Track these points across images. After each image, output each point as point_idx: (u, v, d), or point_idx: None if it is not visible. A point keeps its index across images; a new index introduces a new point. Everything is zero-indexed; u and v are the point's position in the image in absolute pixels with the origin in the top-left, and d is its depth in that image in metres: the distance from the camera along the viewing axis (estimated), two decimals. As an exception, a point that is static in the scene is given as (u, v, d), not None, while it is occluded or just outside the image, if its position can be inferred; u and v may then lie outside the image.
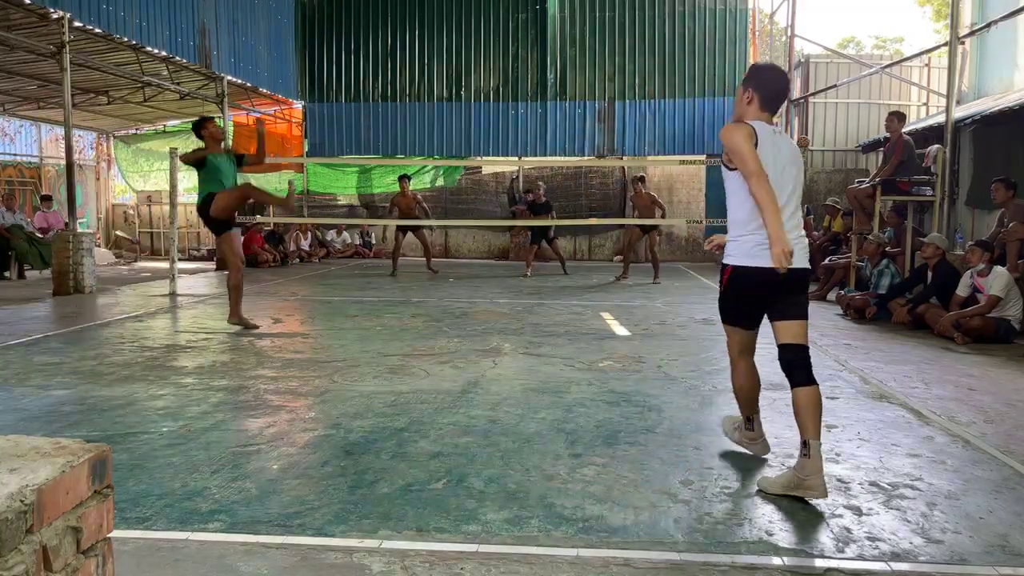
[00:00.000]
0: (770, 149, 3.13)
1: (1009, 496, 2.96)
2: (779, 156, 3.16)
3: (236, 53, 13.41)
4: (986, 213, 9.79)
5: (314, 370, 5.13)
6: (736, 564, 2.38)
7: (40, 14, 9.31)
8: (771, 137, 3.17)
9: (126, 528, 2.59)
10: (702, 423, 3.94)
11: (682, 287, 10.72)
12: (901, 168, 8.68)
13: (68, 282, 9.29)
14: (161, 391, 4.54)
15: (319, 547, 2.48)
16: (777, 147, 3.18)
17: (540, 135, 15.96)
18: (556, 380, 4.86)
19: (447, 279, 11.70)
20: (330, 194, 17.48)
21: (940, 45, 10.56)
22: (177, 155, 9.78)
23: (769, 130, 3.19)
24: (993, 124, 9.61)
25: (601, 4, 15.69)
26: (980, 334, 6.35)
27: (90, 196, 17.13)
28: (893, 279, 7.80)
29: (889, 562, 2.41)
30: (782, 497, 2.91)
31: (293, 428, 3.80)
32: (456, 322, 7.31)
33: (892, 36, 39.21)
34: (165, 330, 6.96)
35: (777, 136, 3.22)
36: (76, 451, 1.34)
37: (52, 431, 3.71)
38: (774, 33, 20.10)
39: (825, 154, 15.08)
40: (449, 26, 16.14)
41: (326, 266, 14.43)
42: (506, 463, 3.27)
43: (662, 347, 6.05)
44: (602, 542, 2.52)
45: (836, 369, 5.29)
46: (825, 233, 11.57)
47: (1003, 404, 4.37)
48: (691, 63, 15.62)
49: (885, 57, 19.70)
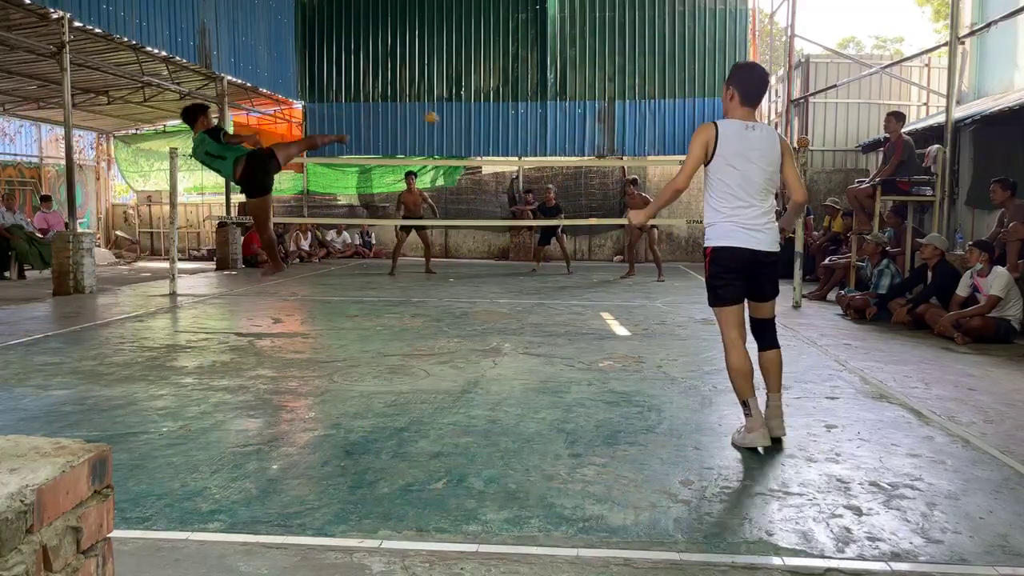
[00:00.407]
0: (739, 142, 3.53)
1: (1009, 496, 2.96)
2: (750, 151, 3.53)
3: (236, 53, 13.41)
4: (986, 213, 9.78)
5: (314, 370, 5.13)
6: (736, 564, 2.38)
7: (40, 14, 9.31)
8: (741, 133, 3.54)
9: (126, 528, 2.59)
10: (702, 423, 3.94)
11: (682, 287, 10.72)
12: (901, 168, 8.68)
13: (68, 282, 9.29)
14: (161, 391, 4.54)
15: (319, 547, 2.48)
16: (749, 142, 3.54)
17: (540, 135, 15.96)
18: (556, 380, 4.86)
19: (447, 279, 11.70)
20: (330, 194, 17.48)
21: (940, 45, 10.56)
22: (177, 155, 9.80)
23: (740, 127, 3.56)
24: (993, 124, 9.61)
25: (601, 4, 15.69)
26: (980, 334, 6.35)
27: (90, 196, 17.14)
28: (893, 279, 7.79)
29: (889, 562, 2.41)
30: (782, 497, 2.91)
31: (293, 428, 3.80)
32: (456, 322, 7.31)
33: (892, 36, 39.23)
34: (165, 330, 6.96)
35: (750, 131, 3.56)
36: (76, 451, 1.33)
37: (52, 431, 3.71)
38: (774, 33, 20.09)
39: (825, 154, 15.08)
40: (449, 26, 16.14)
41: (326, 266, 14.43)
42: (506, 463, 3.27)
43: (662, 347, 6.05)
44: (602, 542, 2.52)
45: (836, 369, 5.29)
46: (825, 233, 11.57)
47: (1003, 404, 4.37)
48: (691, 63, 15.62)
49: (885, 57, 19.73)
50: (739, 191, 3.54)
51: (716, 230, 3.60)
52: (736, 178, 3.54)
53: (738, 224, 3.52)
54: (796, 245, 8.47)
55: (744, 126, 3.58)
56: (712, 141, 3.56)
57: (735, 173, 3.54)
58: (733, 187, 3.55)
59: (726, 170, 3.54)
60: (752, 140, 3.55)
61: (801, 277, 8.54)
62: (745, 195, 3.54)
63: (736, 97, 3.63)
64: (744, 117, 3.63)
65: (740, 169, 3.53)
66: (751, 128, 3.58)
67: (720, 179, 3.56)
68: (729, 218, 3.54)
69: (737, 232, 3.52)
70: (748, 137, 3.56)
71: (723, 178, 3.55)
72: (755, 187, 3.55)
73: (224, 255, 13.52)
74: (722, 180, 3.56)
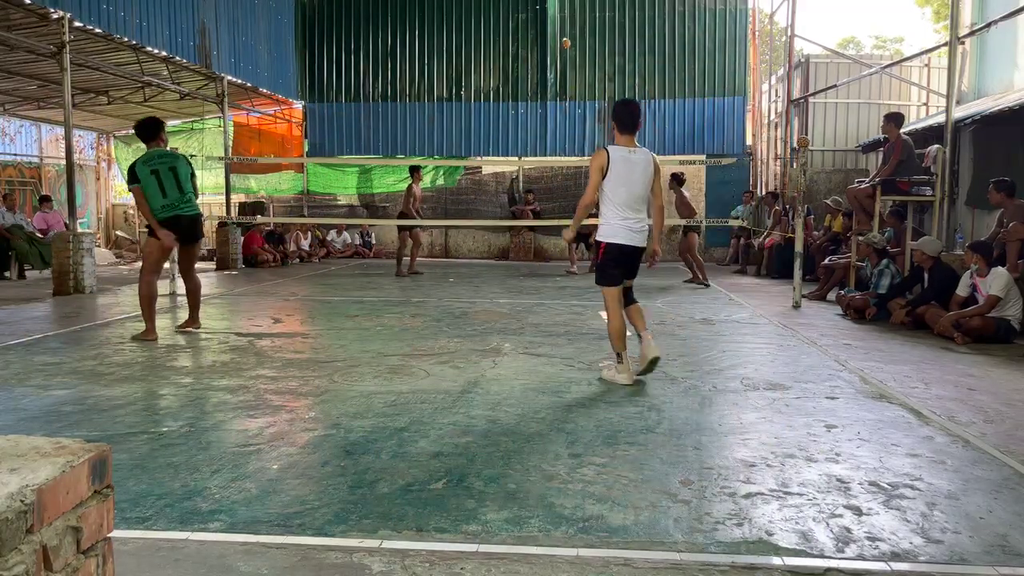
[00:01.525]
0: (624, 165, 4.70)
1: (1009, 496, 2.96)
2: (633, 169, 4.71)
3: (236, 53, 13.41)
4: (986, 213, 9.78)
5: (314, 370, 5.13)
6: (736, 564, 2.38)
7: (40, 14, 9.31)
8: (626, 156, 4.71)
9: (126, 528, 2.59)
10: (702, 423, 3.94)
11: (682, 287, 10.72)
12: (901, 168, 8.67)
13: (68, 282, 9.30)
14: (161, 391, 4.54)
15: (319, 547, 2.48)
16: (631, 163, 4.70)
17: (540, 135, 15.96)
18: (556, 380, 4.86)
19: (447, 279, 11.69)
20: (330, 194, 17.48)
21: (940, 45, 10.55)
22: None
23: (625, 151, 4.73)
24: (993, 124, 9.61)
25: (601, 4, 15.69)
26: (980, 334, 6.35)
27: (90, 196, 17.14)
28: (893, 279, 7.79)
29: (889, 562, 2.41)
30: (782, 497, 2.91)
31: (293, 428, 3.80)
32: (456, 322, 7.31)
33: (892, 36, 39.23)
34: (165, 330, 6.96)
35: (632, 154, 4.73)
36: (76, 451, 1.34)
37: (52, 431, 3.71)
38: (774, 33, 20.10)
39: (825, 154, 15.07)
40: (449, 26, 16.15)
41: (326, 266, 14.43)
42: (506, 463, 3.27)
43: (662, 347, 6.04)
44: (602, 542, 2.52)
45: (836, 369, 5.29)
46: (825, 233, 11.57)
47: (1003, 404, 4.37)
48: (691, 63, 15.62)
49: (885, 57, 19.71)
50: (626, 202, 4.71)
51: (609, 230, 4.79)
52: (623, 193, 4.70)
53: (625, 227, 4.74)
54: (796, 245, 8.47)
55: (628, 151, 4.72)
56: (606, 164, 4.67)
57: (623, 189, 4.69)
58: (622, 199, 4.70)
59: (617, 187, 4.69)
60: (634, 163, 4.70)
61: (801, 277, 8.54)
62: (630, 205, 4.73)
63: (616, 128, 4.79)
64: (626, 143, 4.77)
65: (626, 186, 4.69)
66: (633, 152, 4.73)
67: (613, 193, 4.70)
68: (620, 222, 4.74)
69: (624, 232, 4.75)
70: (631, 160, 4.70)
71: (615, 194, 4.70)
72: (638, 199, 4.76)
73: (224, 255, 13.53)
74: (615, 193, 4.70)
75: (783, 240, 12.02)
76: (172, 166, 6.20)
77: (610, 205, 4.75)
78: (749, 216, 13.88)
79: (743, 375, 5.04)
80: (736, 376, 5.01)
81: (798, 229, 8.40)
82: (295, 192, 17.26)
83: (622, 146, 4.75)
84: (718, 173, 15.60)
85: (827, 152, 15.09)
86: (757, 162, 16.13)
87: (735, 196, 15.18)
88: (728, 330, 6.95)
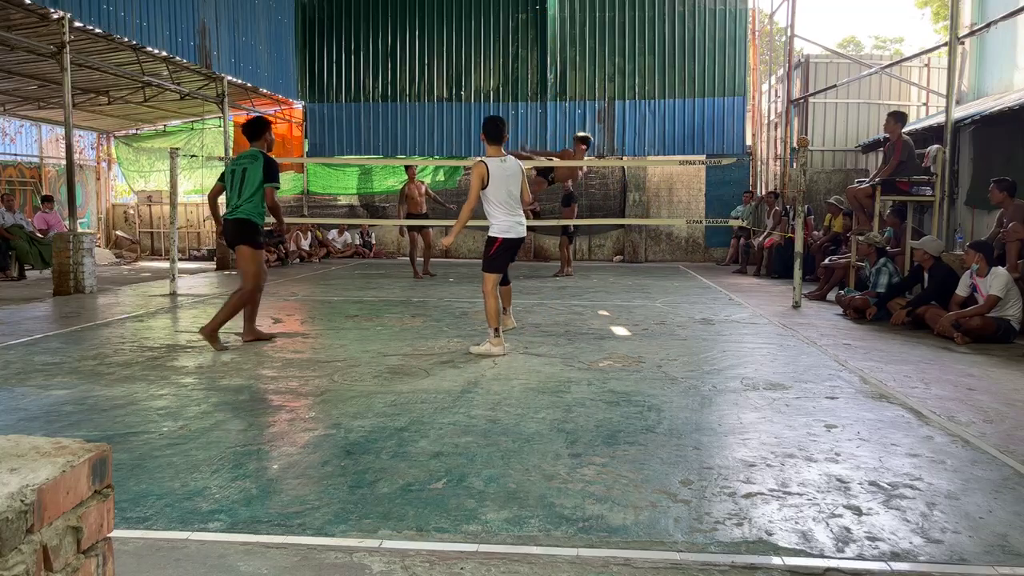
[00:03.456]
0: (499, 173, 5.65)
1: (1009, 496, 2.96)
2: (506, 176, 5.67)
3: (236, 53, 13.41)
4: (986, 213, 9.78)
5: (314, 370, 5.13)
6: (736, 564, 2.38)
7: (40, 14, 9.31)
8: (499, 165, 5.67)
9: (126, 528, 2.59)
10: (702, 423, 3.94)
11: (682, 287, 10.72)
12: (901, 168, 8.67)
13: (68, 282, 9.30)
14: (161, 391, 4.54)
15: (319, 547, 2.48)
16: (504, 171, 5.67)
17: (540, 135, 15.96)
18: (556, 380, 4.86)
19: (447, 279, 11.69)
20: (330, 194, 17.48)
21: (940, 45, 10.55)
22: (178, 155, 9.80)
23: (498, 161, 5.69)
24: (993, 124, 9.61)
25: (601, 4, 15.69)
26: (980, 334, 6.35)
27: (90, 196, 17.13)
28: (891, 277, 7.79)
29: (889, 562, 2.41)
30: (782, 497, 2.91)
31: (293, 428, 3.81)
32: (456, 322, 7.31)
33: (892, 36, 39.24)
34: (165, 330, 6.96)
35: (503, 163, 5.70)
36: (76, 451, 1.34)
37: (52, 431, 3.71)
38: (774, 33, 20.08)
39: (825, 154, 15.08)
40: (449, 26, 16.15)
41: (326, 266, 14.43)
42: (506, 463, 3.27)
43: (662, 347, 6.05)
44: (602, 542, 2.52)
45: (836, 369, 5.29)
46: (826, 233, 11.57)
47: (1003, 404, 4.37)
48: (691, 63, 15.62)
49: (885, 57, 19.71)
50: (507, 203, 5.68)
51: (501, 226, 5.74)
52: (503, 195, 5.67)
53: (515, 223, 5.74)
54: (796, 245, 8.47)
55: (500, 160, 5.69)
56: (485, 174, 5.61)
57: (503, 192, 5.66)
58: (503, 200, 5.67)
59: (498, 191, 5.65)
60: (506, 170, 5.69)
61: (801, 277, 8.54)
62: (509, 205, 5.70)
63: (486, 141, 5.75)
64: (496, 154, 5.72)
65: (504, 190, 5.66)
66: (504, 161, 5.72)
67: (496, 196, 5.67)
68: (508, 219, 5.71)
69: (514, 227, 5.75)
70: (503, 167, 5.68)
71: (497, 196, 5.67)
72: (514, 199, 5.74)
73: (224, 255, 13.52)
74: (497, 196, 5.66)
75: (783, 240, 12.02)
76: (245, 167, 6.10)
77: (495, 206, 5.69)
78: (749, 216, 13.88)
79: (743, 375, 5.05)
80: (736, 376, 5.01)
81: (798, 229, 8.40)
82: (295, 192, 17.25)
83: (494, 156, 5.70)
84: (718, 173, 15.61)
85: (827, 152, 15.09)
86: (757, 162, 16.13)
87: (735, 196, 15.18)
88: (728, 330, 6.95)
